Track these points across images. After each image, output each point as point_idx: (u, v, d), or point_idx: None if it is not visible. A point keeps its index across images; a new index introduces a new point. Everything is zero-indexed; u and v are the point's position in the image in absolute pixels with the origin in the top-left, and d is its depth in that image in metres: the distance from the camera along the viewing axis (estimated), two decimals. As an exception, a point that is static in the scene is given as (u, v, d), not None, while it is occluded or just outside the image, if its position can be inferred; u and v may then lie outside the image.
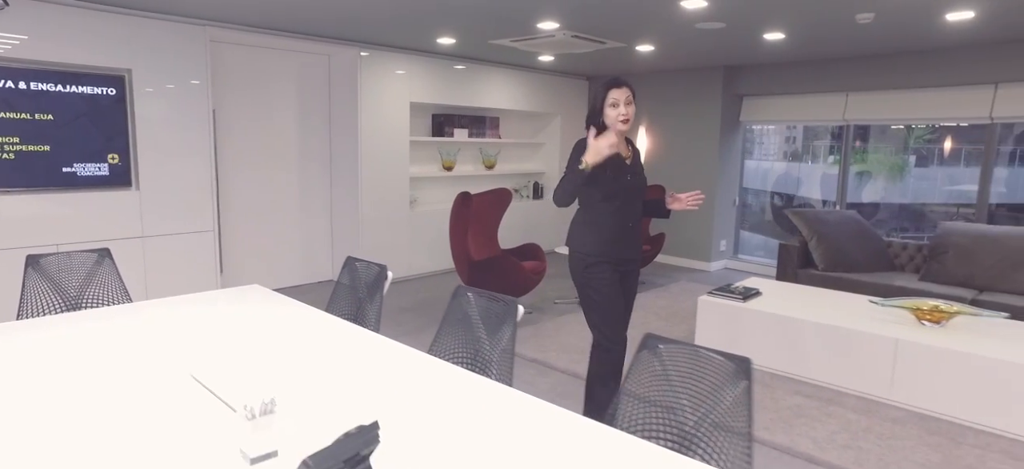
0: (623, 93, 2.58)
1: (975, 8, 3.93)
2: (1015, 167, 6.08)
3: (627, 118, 2.58)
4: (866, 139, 6.93)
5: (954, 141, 6.40)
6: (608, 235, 2.66)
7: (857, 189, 7.13)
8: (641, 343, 1.69)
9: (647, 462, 1.38)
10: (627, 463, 1.38)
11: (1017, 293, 4.51)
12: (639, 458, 1.40)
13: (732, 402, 1.46)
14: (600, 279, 2.67)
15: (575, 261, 2.74)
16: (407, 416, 1.61)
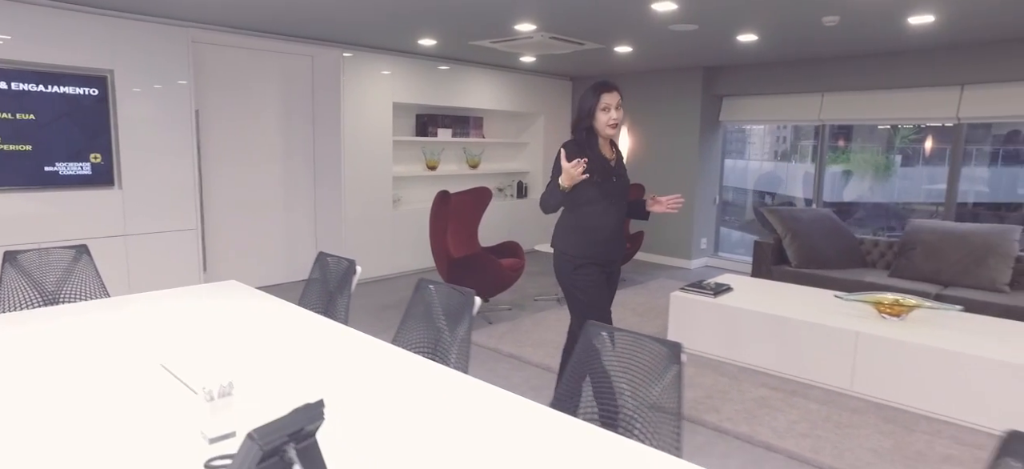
0: (614, 97, 2.60)
1: (934, 12, 4.06)
2: (997, 167, 6.24)
3: (616, 122, 2.61)
4: (852, 139, 7.06)
5: (938, 141, 6.53)
6: (594, 237, 2.68)
7: (840, 188, 7.27)
8: (584, 332, 1.78)
9: (588, 442, 1.48)
10: (568, 442, 1.47)
11: (980, 288, 4.64)
12: (581, 438, 1.49)
13: (666, 384, 1.56)
14: (587, 281, 2.70)
15: (561, 263, 2.75)
16: (362, 400, 1.70)
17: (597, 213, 2.66)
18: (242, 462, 1.19)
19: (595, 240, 2.68)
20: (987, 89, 5.26)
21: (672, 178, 7.07)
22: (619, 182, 2.73)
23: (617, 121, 2.60)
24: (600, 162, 2.63)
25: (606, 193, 2.66)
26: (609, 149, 2.74)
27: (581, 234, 2.69)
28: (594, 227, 2.67)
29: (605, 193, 2.65)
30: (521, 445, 1.46)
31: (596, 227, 2.67)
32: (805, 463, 2.86)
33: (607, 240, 2.69)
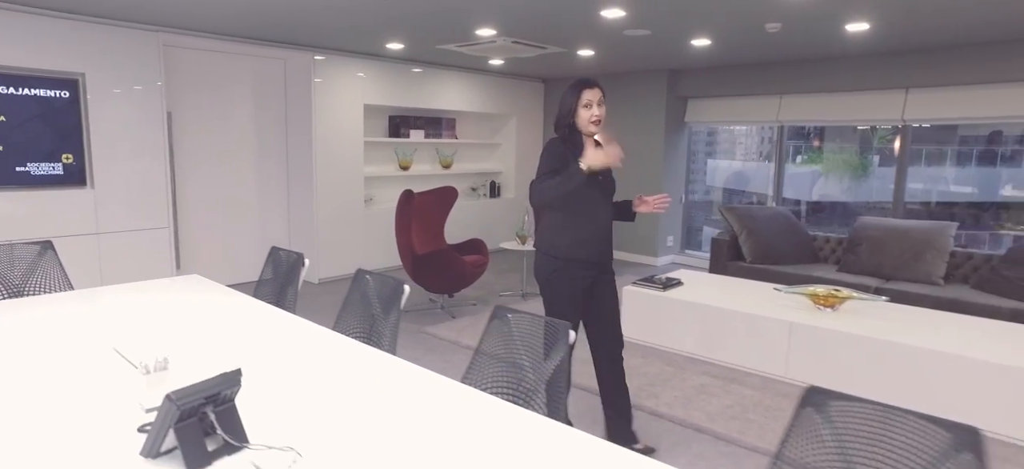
0: (596, 94, 2.57)
1: (868, 20, 4.28)
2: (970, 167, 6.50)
3: (599, 119, 2.57)
4: (830, 139, 7.28)
5: (916, 142, 6.76)
6: (577, 238, 2.62)
7: (816, 188, 7.50)
8: (492, 314, 1.97)
9: (493, 414, 1.66)
10: (476, 414, 1.66)
11: (917, 281, 4.88)
12: (487, 411, 1.68)
13: (558, 362, 1.75)
14: (565, 285, 2.64)
15: (541, 263, 2.71)
16: (288, 375, 1.87)
17: (583, 213, 2.61)
18: (162, 419, 1.38)
19: (581, 241, 2.62)
20: (930, 92, 5.51)
21: (639, 178, 7.28)
22: (604, 183, 2.68)
23: (599, 117, 2.56)
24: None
25: (592, 193, 2.60)
26: (594, 148, 2.67)
27: (563, 234, 2.63)
28: (580, 227, 2.62)
29: (591, 193, 2.59)
30: (434, 419, 1.64)
31: (582, 227, 2.62)
32: (730, 443, 3.07)
33: (589, 241, 2.64)
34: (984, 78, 5.15)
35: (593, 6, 4.05)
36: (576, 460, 1.42)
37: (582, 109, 2.57)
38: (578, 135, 2.61)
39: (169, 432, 1.37)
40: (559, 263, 2.63)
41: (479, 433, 1.54)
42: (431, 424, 1.58)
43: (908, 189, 6.79)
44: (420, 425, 1.58)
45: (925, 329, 3.57)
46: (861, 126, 6.75)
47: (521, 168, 8.12)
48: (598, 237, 2.65)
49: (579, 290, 2.64)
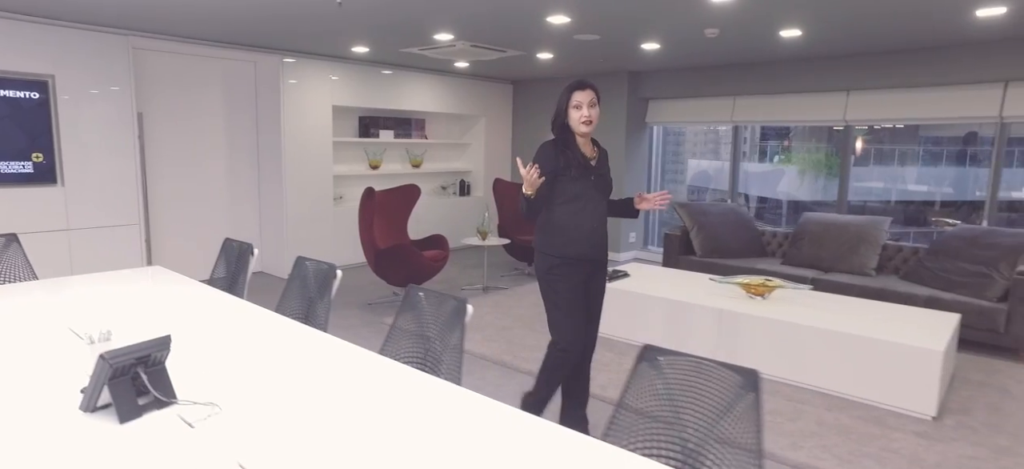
0: (586, 95, 2.63)
1: (801, 28, 4.56)
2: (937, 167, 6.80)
3: (589, 120, 2.63)
4: (815, 139, 7.53)
5: (888, 142, 7.05)
6: (571, 236, 2.67)
7: (793, 187, 7.77)
8: (406, 293, 2.20)
9: (406, 382, 1.90)
10: (384, 378, 1.90)
11: (852, 272, 5.17)
12: (393, 375, 1.91)
13: (458, 336, 1.99)
14: (562, 282, 2.69)
15: (540, 262, 2.76)
16: (223, 348, 2.10)
17: (576, 211, 2.66)
18: (97, 377, 1.60)
19: (574, 238, 2.67)
20: (870, 94, 5.81)
21: (601, 176, 7.54)
22: (598, 181, 2.73)
23: (589, 118, 2.62)
24: (579, 160, 2.66)
25: (586, 190, 2.66)
26: (590, 147, 2.76)
27: (560, 232, 2.68)
28: (573, 225, 2.67)
29: (585, 190, 2.66)
30: (345, 382, 1.88)
31: (575, 225, 2.66)
32: (656, 420, 3.31)
33: (584, 239, 2.68)
34: (918, 82, 5.46)
35: (539, 12, 4.29)
36: (462, 415, 1.66)
37: (572, 110, 2.65)
38: (571, 134, 2.69)
39: (104, 388, 1.60)
40: (556, 260, 2.68)
41: (386, 395, 1.78)
42: (342, 386, 1.82)
43: (870, 188, 7.13)
44: (334, 388, 1.81)
45: (836, 314, 3.84)
46: (808, 125, 7.05)
47: (490, 167, 8.36)
48: (592, 234, 2.70)
49: (578, 285, 2.70)
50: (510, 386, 3.70)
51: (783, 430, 3.17)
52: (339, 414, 1.63)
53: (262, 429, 1.53)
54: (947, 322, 3.72)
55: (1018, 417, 3.33)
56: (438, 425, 1.58)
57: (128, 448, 1.43)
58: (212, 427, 1.54)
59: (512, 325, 4.84)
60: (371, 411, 1.65)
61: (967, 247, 4.69)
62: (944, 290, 4.58)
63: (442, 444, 1.48)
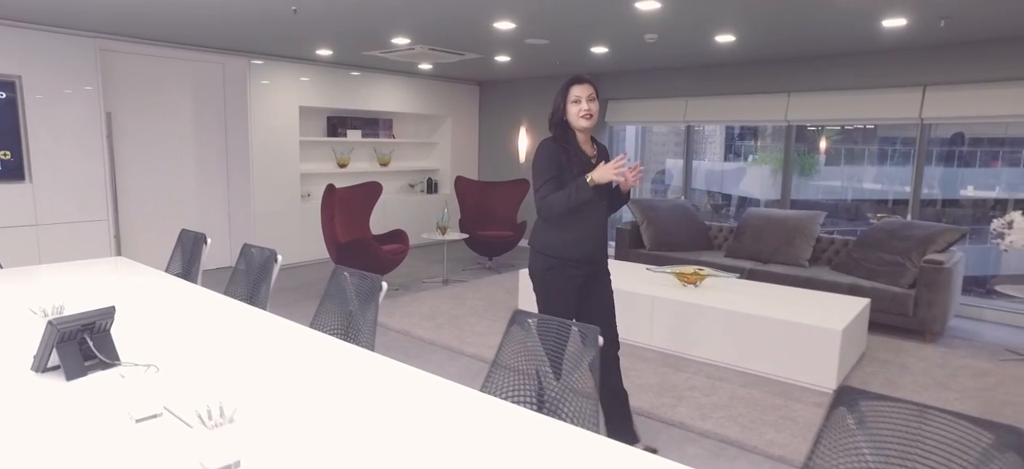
0: (584, 89, 2.55)
1: (734, 33, 4.88)
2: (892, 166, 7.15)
3: (589, 114, 2.54)
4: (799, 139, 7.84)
5: (862, 142, 7.39)
6: (572, 236, 2.60)
7: (768, 186, 8.09)
8: (332, 273, 2.47)
9: (326, 351, 2.17)
10: (307, 345, 2.16)
11: (787, 263, 5.51)
12: (321, 346, 2.18)
13: (374, 311, 2.26)
14: (556, 284, 2.63)
15: (536, 261, 2.69)
16: (168, 320, 2.35)
17: (578, 213, 2.58)
18: (46, 341, 1.85)
19: (575, 240, 2.61)
20: (809, 96, 6.16)
21: (561, 174, 7.84)
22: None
23: (589, 112, 2.54)
24: (580, 158, 2.59)
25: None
26: (590, 146, 2.69)
27: (557, 232, 2.61)
28: (573, 226, 2.60)
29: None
30: (272, 349, 2.14)
31: (575, 226, 2.60)
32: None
33: (584, 239, 2.62)
34: (849, 85, 5.81)
35: (487, 19, 4.57)
36: (378, 379, 1.93)
37: (571, 105, 2.57)
38: (570, 132, 2.61)
39: (52, 351, 1.84)
40: (553, 261, 2.62)
41: (303, 359, 2.04)
42: (266, 350, 2.08)
43: (827, 187, 7.50)
44: (258, 352, 2.07)
45: (756, 299, 4.17)
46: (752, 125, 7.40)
47: (457, 166, 8.62)
48: (592, 236, 2.64)
49: (573, 288, 2.64)
50: (453, 367, 3.97)
51: (697, 403, 3.47)
52: (259, 371, 1.89)
53: (189, 382, 1.79)
54: (855, 306, 4.05)
55: (908, 389, 3.66)
56: (349, 385, 1.85)
57: (72, 400, 1.68)
58: (147, 382, 1.80)
59: (464, 315, 5.11)
60: (284, 370, 1.91)
61: (887, 239, 5.05)
62: (866, 278, 4.93)
63: (353, 403, 1.74)
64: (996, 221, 4.12)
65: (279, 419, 1.57)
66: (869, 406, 1.28)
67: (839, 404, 1.31)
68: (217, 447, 1.41)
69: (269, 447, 1.42)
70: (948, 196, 6.35)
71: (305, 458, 1.37)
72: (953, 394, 3.61)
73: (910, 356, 4.24)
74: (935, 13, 3.99)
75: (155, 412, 1.59)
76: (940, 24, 4.23)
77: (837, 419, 1.31)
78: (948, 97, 5.29)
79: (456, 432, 1.52)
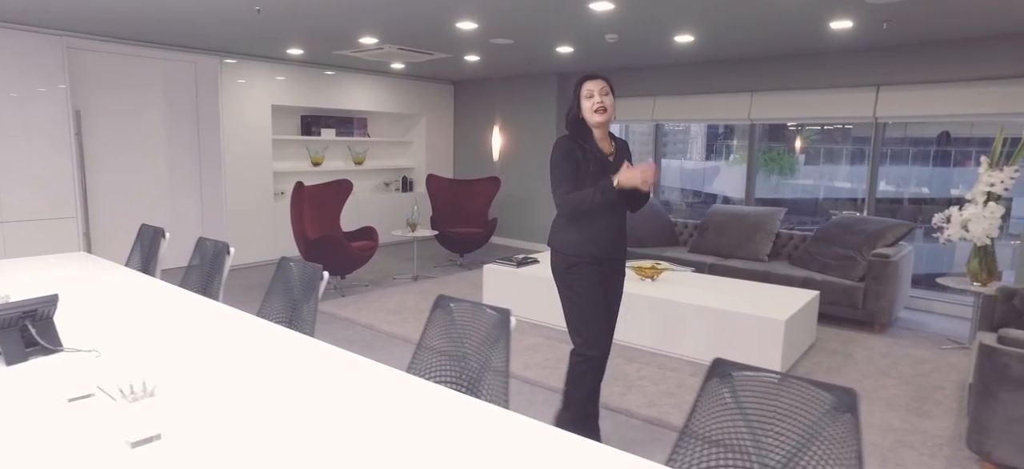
0: (597, 84, 2.55)
1: (693, 34, 5.01)
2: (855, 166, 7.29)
3: (602, 107, 2.52)
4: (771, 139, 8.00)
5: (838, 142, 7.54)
6: (591, 234, 2.57)
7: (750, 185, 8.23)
8: (277, 265, 2.56)
9: (268, 337, 2.25)
10: (254, 335, 2.25)
11: (747, 258, 5.65)
12: (264, 334, 2.27)
13: (315, 299, 2.35)
14: (582, 281, 2.59)
15: (557, 261, 2.66)
16: (112, 308, 2.43)
17: (596, 211, 2.54)
18: (-13, 328, 1.92)
19: (593, 238, 2.57)
20: (770, 95, 6.31)
21: (533, 175, 7.97)
22: None
23: (603, 106, 2.52)
24: (596, 155, 2.56)
25: None
26: (607, 143, 2.65)
27: (576, 230, 2.58)
28: (591, 224, 2.56)
29: None
30: (209, 337, 2.22)
31: (593, 224, 2.56)
32: (534, 385, 3.72)
33: (603, 238, 2.58)
34: (807, 85, 5.97)
35: (448, 18, 4.66)
36: (316, 364, 2.02)
37: (585, 101, 2.56)
38: (586, 129, 2.59)
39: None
40: (574, 259, 2.59)
41: (245, 346, 2.13)
42: (205, 337, 2.17)
43: (805, 185, 7.67)
44: (196, 339, 2.16)
45: (710, 292, 4.30)
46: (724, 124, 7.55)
47: (432, 164, 8.71)
48: (611, 234, 2.60)
49: (597, 285, 2.60)
50: (412, 359, 4.06)
51: (645, 391, 3.59)
52: (192, 353, 1.98)
53: (125, 364, 1.87)
54: (802, 298, 4.20)
55: (850, 377, 3.81)
56: (275, 365, 1.94)
57: (10, 384, 1.76)
58: (85, 365, 1.88)
59: (430, 310, 5.20)
60: (215, 351, 2.00)
61: (841, 234, 5.20)
62: (819, 272, 5.09)
63: (275, 381, 1.84)
64: (937, 216, 4.28)
65: (201, 395, 1.66)
66: (739, 376, 1.40)
67: (713, 375, 1.43)
68: (139, 420, 1.50)
69: (190, 420, 1.51)
70: (940, 195, 6.53)
71: (224, 431, 1.47)
72: (890, 380, 3.75)
73: (857, 346, 4.39)
74: (877, 16, 4.14)
75: (88, 392, 1.68)
76: (883, 27, 4.38)
77: (711, 388, 1.42)
78: (900, 97, 5.46)
79: (373, 408, 1.62)
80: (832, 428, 1.25)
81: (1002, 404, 2.48)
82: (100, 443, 1.40)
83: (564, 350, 4.22)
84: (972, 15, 4.11)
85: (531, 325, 4.79)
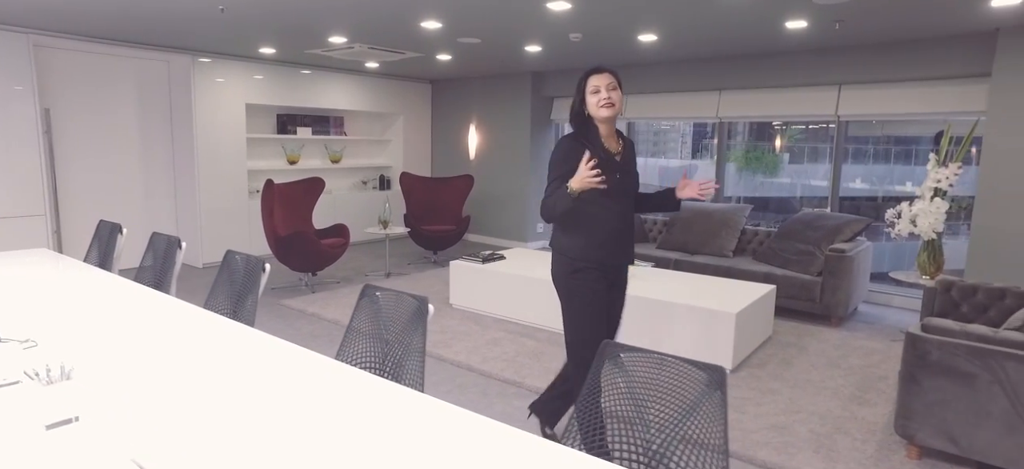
0: (603, 78, 2.41)
1: (656, 33, 5.10)
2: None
3: (610, 102, 2.38)
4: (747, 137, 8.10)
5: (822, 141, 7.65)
6: (596, 238, 2.43)
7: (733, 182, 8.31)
8: (224, 259, 2.61)
9: (209, 326, 2.31)
10: (191, 323, 2.30)
11: (713, 253, 5.75)
12: (204, 323, 2.32)
13: (256, 291, 2.41)
14: (586, 287, 2.46)
15: (559, 266, 2.52)
16: (57, 302, 2.47)
17: (598, 211, 2.41)
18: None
19: (597, 242, 2.43)
20: (737, 94, 6.41)
21: (508, 172, 8.03)
22: (624, 179, 2.48)
23: (611, 101, 2.38)
24: (603, 154, 2.42)
25: (610, 187, 2.38)
26: (614, 141, 2.51)
27: (580, 234, 2.44)
28: (595, 227, 2.43)
29: (609, 188, 2.37)
30: (156, 328, 2.28)
31: (597, 227, 2.43)
32: (490, 378, 3.78)
33: (609, 242, 2.45)
34: (772, 83, 6.07)
35: (413, 18, 4.72)
36: (249, 350, 2.08)
37: (590, 96, 2.42)
38: (593, 127, 2.45)
39: (-69, 327, 1.97)
40: (578, 264, 2.46)
41: (182, 334, 2.19)
42: (141, 327, 2.22)
43: (787, 184, 7.79)
44: (130, 330, 2.21)
45: (668, 286, 4.38)
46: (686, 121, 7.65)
47: (410, 163, 8.76)
48: (614, 238, 2.46)
49: (600, 292, 2.48)
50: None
51: (599, 383, 3.66)
52: (125, 343, 2.03)
53: (59, 353, 1.92)
54: (757, 292, 4.29)
55: (799, 368, 3.90)
56: (204, 352, 2.00)
57: (-58, 368, 1.81)
58: (15, 355, 1.93)
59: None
60: (146, 339, 2.06)
61: (803, 229, 5.30)
62: (780, 267, 5.18)
63: (203, 367, 1.90)
64: (889, 212, 4.38)
65: (122, 379, 1.71)
66: (627, 356, 1.47)
67: (604, 357, 1.50)
68: (56, 404, 1.55)
69: (109, 403, 1.57)
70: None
71: (142, 413, 1.53)
72: (838, 371, 3.85)
73: (812, 339, 4.49)
74: (828, 17, 4.24)
75: (15, 379, 1.73)
76: (835, 27, 4.48)
77: (604, 369, 1.49)
78: (860, 95, 5.57)
79: (292, 390, 1.68)
80: (707, 404, 1.33)
81: (924, 389, 2.57)
82: (16, 427, 1.45)
83: (524, 344, 4.33)
84: (919, 16, 4.21)
85: (495, 320, 4.86)
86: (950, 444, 2.55)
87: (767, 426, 3.10)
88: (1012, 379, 2.36)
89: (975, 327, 2.52)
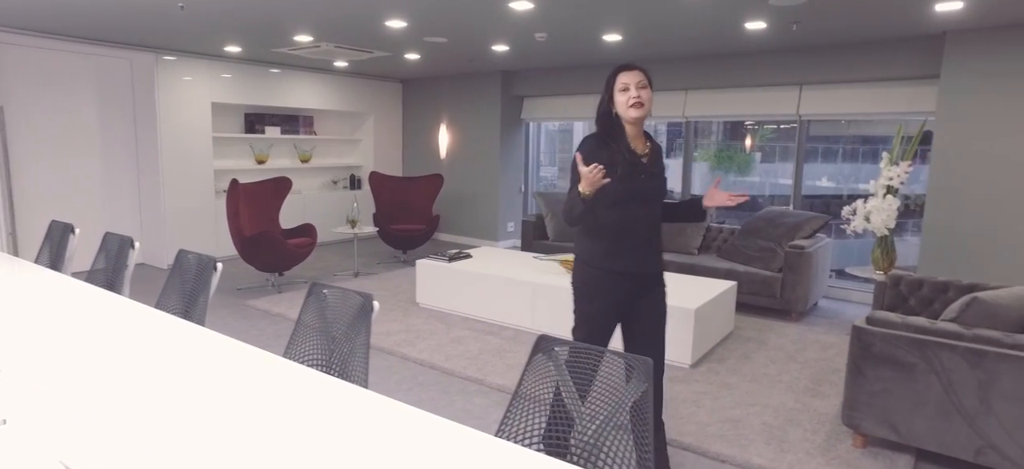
0: (633, 76, 2.30)
1: (622, 33, 5.15)
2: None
3: (640, 102, 2.25)
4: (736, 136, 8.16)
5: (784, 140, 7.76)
6: (617, 245, 2.28)
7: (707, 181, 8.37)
8: (177, 257, 2.59)
9: (158, 326, 2.28)
10: (139, 322, 2.28)
11: (679, 251, 5.83)
12: (151, 321, 2.30)
13: (207, 290, 2.39)
14: (597, 298, 2.33)
15: (579, 272, 2.38)
16: (12, 307, 2.43)
17: (621, 216, 2.27)
18: None
19: (622, 248, 2.28)
20: (702, 94, 6.51)
21: (479, 171, 8.05)
22: (650, 182, 2.32)
23: (640, 100, 2.25)
24: (627, 155, 2.27)
25: (633, 192, 2.25)
26: (641, 142, 2.36)
27: (601, 239, 2.29)
28: (618, 232, 2.28)
29: (632, 192, 2.25)
30: (112, 332, 2.25)
31: (621, 232, 2.28)
32: (452, 375, 3.80)
33: (632, 249, 2.29)
34: (736, 83, 6.17)
35: (378, 16, 4.71)
36: (194, 344, 2.06)
37: (619, 94, 2.29)
38: (619, 127, 2.31)
39: None
40: (596, 272, 2.31)
41: (127, 331, 2.17)
42: (81, 330, 2.19)
43: (760, 183, 7.94)
44: (80, 332, 2.19)
45: (633, 283, 4.43)
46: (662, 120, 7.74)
47: (380, 162, 8.73)
48: (637, 245, 2.30)
49: (615, 302, 2.32)
50: (336, 353, 4.09)
51: (560, 379, 3.69)
52: (62, 345, 2.01)
53: None
54: (717, 288, 4.36)
55: (757, 363, 3.98)
56: (148, 353, 1.98)
57: None
58: (-45, 356, 1.89)
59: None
60: (92, 345, 2.04)
61: (765, 227, 5.40)
62: (743, 264, 5.28)
63: (144, 368, 1.88)
64: (845, 208, 4.49)
65: (55, 381, 1.69)
66: (561, 349, 1.50)
67: (539, 350, 1.53)
68: (-12, 405, 1.53)
69: (39, 406, 1.55)
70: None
71: (74, 416, 1.51)
72: (795, 365, 3.94)
73: (772, 334, 4.58)
74: (785, 18, 4.33)
75: (-51, 381, 1.70)
76: (792, 28, 4.58)
77: (537, 361, 1.52)
78: (819, 95, 5.70)
79: (240, 389, 1.68)
80: (636, 396, 1.36)
81: (867, 379, 2.65)
82: (-58, 426, 1.43)
83: (488, 342, 4.34)
84: (870, 18, 4.33)
85: (460, 319, 4.87)
86: (891, 432, 2.63)
87: (722, 419, 3.17)
88: (946, 368, 2.44)
89: (915, 319, 2.61)
